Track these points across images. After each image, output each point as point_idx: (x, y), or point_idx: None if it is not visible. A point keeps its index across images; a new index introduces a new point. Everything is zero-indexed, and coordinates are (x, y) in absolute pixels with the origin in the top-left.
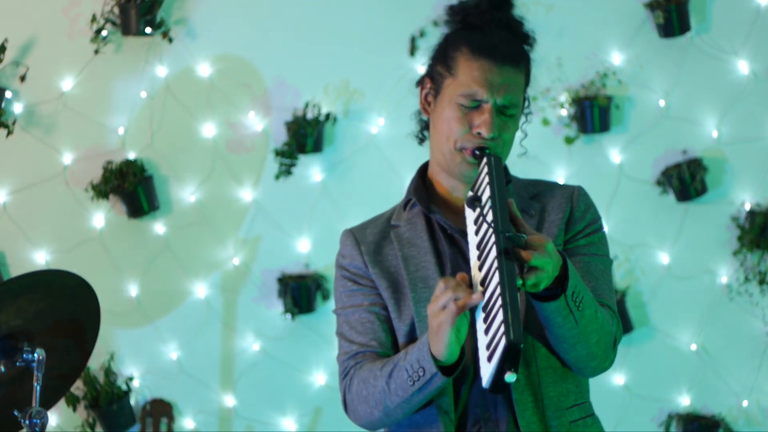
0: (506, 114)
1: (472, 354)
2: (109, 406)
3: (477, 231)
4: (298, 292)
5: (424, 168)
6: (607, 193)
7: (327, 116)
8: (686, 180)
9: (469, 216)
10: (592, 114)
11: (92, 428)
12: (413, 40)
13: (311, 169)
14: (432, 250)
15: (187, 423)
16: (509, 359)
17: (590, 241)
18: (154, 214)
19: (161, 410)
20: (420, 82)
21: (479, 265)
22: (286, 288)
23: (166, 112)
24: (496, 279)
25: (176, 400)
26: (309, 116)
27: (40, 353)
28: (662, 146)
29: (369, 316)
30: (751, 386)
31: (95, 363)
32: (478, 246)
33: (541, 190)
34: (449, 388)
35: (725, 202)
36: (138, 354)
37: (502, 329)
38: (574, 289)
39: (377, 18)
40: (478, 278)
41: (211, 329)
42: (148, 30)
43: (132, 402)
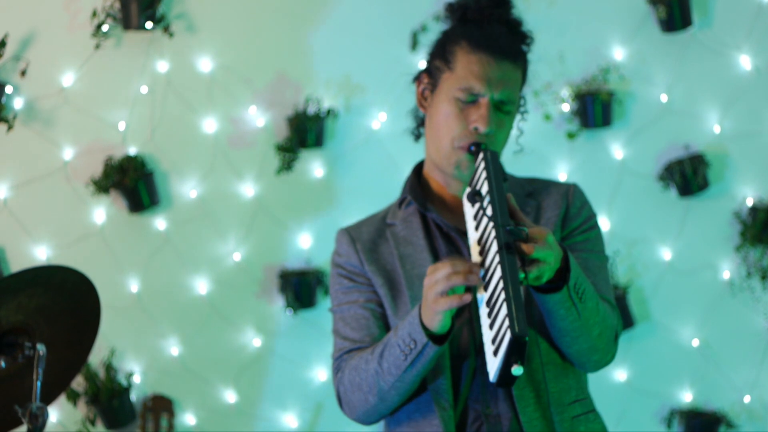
0: (503, 110)
1: (473, 350)
2: (110, 402)
3: (477, 226)
4: (299, 288)
5: (420, 167)
6: (609, 188)
7: (328, 111)
8: (688, 175)
9: (468, 212)
10: (594, 109)
11: (93, 424)
12: (414, 35)
13: (312, 164)
14: (428, 248)
15: (187, 419)
16: (515, 352)
17: (587, 238)
18: (154, 209)
19: (162, 406)
20: (417, 78)
21: (482, 260)
22: (287, 283)
23: (166, 107)
24: (498, 273)
25: (177, 396)
26: (310, 111)
27: (40, 349)
28: (664, 141)
29: (364, 312)
30: (753, 382)
31: (96, 359)
32: (479, 241)
33: (536, 188)
34: (448, 386)
35: (727, 197)
36: (138, 350)
37: (507, 323)
38: (576, 280)
39: (378, 13)
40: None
41: (212, 325)
42: (149, 25)
43: (132, 398)
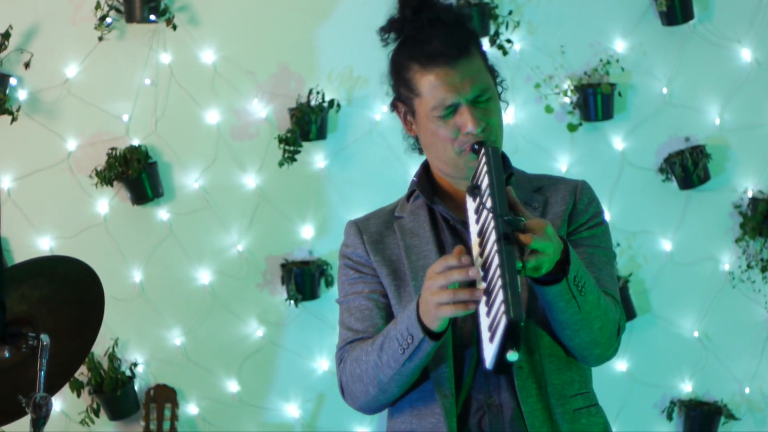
0: (482, 101)
1: (474, 340)
2: (113, 392)
3: (477, 220)
4: (302, 279)
5: (428, 161)
6: (610, 180)
7: (330, 103)
8: (689, 167)
9: (470, 206)
10: (595, 101)
11: (96, 414)
12: None
13: (315, 156)
14: (434, 240)
15: (190, 409)
16: (510, 337)
17: (593, 234)
18: (158, 200)
19: (165, 396)
20: (394, 107)
21: (480, 251)
22: (289, 274)
23: (170, 99)
24: (496, 262)
25: (180, 386)
26: (312, 103)
27: (44, 339)
28: (665, 133)
29: (368, 303)
30: (753, 373)
31: (99, 349)
32: (479, 234)
33: (545, 184)
34: (450, 374)
35: (728, 189)
36: (142, 340)
37: (503, 308)
38: (576, 273)
39: (381, 4)
40: (480, 266)
41: (215, 315)
42: (152, 17)
43: (136, 388)
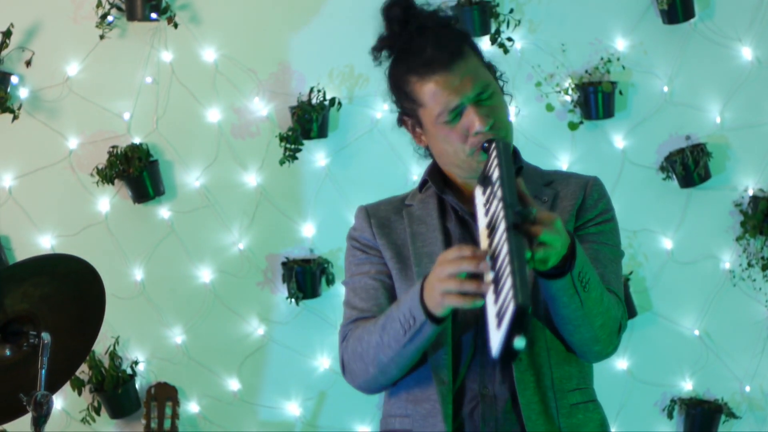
0: (485, 98)
1: (474, 330)
2: (114, 390)
3: (486, 212)
4: (303, 277)
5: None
6: (611, 178)
7: (331, 101)
8: (689, 166)
9: (479, 200)
10: (596, 100)
11: (97, 412)
12: None
13: (316, 155)
14: (440, 228)
15: (191, 407)
16: (518, 324)
17: (601, 230)
18: (159, 199)
19: (166, 394)
20: (401, 122)
21: (489, 243)
22: (290, 273)
23: (171, 98)
24: (505, 250)
25: (181, 385)
26: (314, 101)
27: (45, 337)
28: (666, 132)
29: (374, 283)
30: (753, 371)
31: (100, 347)
32: (488, 225)
33: (556, 179)
34: (448, 361)
35: (728, 187)
36: (143, 338)
37: (511, 294)
38: (580, 269)
39: (382, 2)
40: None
41: (216, 314)
42: (154, 15)
43: (137, 386)
